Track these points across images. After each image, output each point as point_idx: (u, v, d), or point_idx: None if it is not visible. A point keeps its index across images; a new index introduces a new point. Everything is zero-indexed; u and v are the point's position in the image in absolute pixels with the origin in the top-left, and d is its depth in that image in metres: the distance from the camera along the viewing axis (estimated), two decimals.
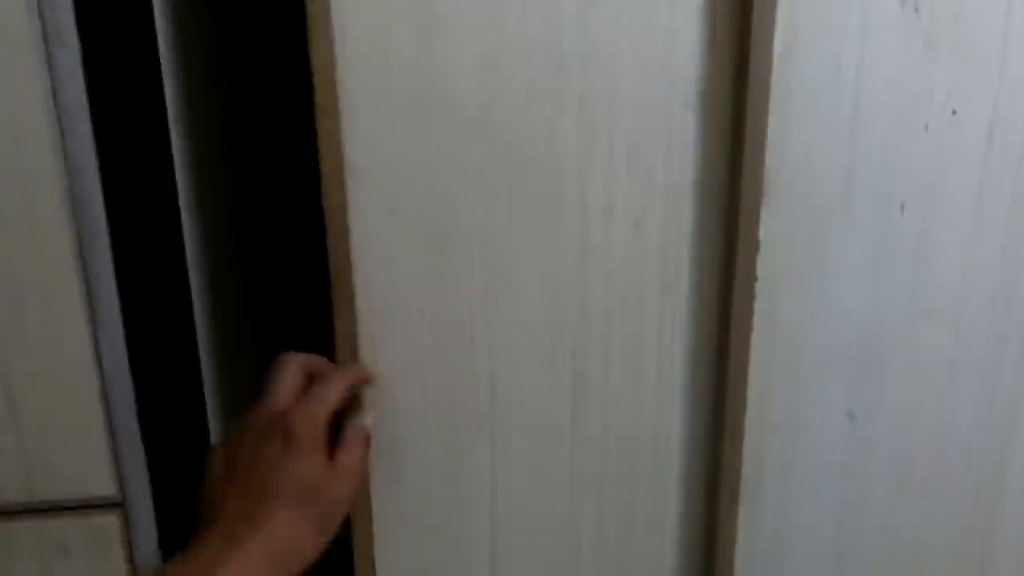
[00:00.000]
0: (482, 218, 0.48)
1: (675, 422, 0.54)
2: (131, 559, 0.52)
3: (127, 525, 0.52)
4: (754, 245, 0.49)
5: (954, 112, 0.49)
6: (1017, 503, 0.58)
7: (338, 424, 0.47)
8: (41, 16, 0.43)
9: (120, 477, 0.51)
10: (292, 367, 0.47)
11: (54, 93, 0.44)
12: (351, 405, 0.48)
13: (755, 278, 0.50)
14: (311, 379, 0.47)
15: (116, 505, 0.51)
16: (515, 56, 0.46)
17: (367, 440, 0.48)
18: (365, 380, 0.49)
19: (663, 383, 0.53)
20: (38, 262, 0.46)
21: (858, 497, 0.57)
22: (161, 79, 0.55)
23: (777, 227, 0.50)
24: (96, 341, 0.48)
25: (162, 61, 0.56)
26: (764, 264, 0.50)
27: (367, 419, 0.48)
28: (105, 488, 0.51)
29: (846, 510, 0.57)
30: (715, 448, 0.54)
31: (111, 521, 0.51)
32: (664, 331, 0.52)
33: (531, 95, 0.46)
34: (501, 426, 0.53)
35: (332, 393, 0.46)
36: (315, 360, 0.48)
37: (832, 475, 0.56)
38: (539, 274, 0.50)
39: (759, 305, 0.51)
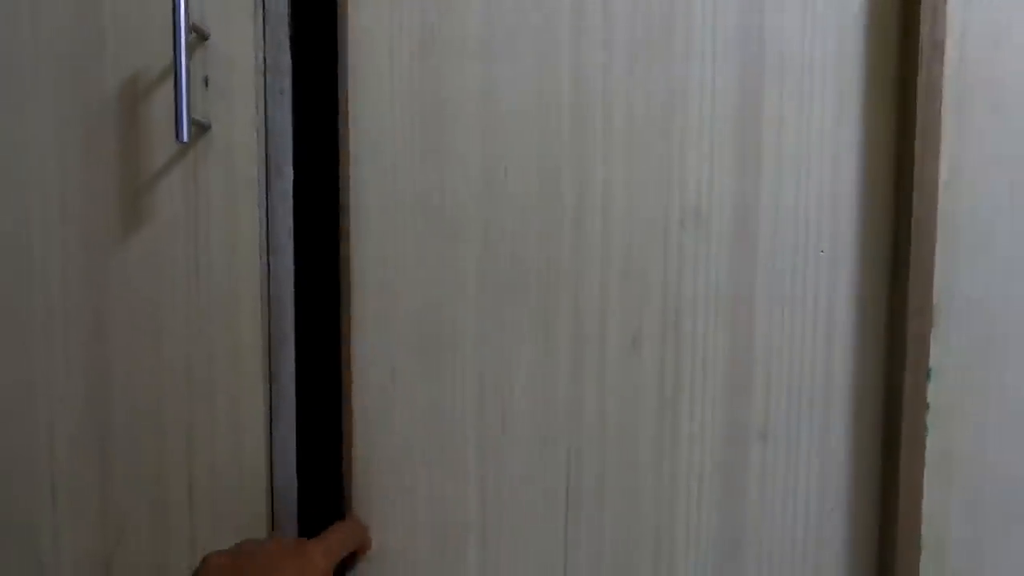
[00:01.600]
0: (476, 327, 0.50)
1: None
2: None
3: None
4: (924, 373, 0.47)
5: None
6: None
7: None
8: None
9: None
10: None
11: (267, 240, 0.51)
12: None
13: (926, 407, 0.48)
14: None
15: None
16: (515, 176, 0.49)
17: None
18: (367, 547, 0.52)
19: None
20: (233, 365, 0.51)
21: None
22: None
23: (948, 356, 0.48)
24: (271, 440, 0.52)
25: None
26: (936, 393, 0.48)
27: None
28: None
29: None
30: None
31: None
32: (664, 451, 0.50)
33: (527, 211, 0.50)
34: (492, 533, 0.51)
35: (348, 541, 0.50)
36: None
37: None
38: (531, 383, 0.50)
39: (932, 439, 0.48)
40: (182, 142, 0.46)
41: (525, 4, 0.49)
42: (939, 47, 0.45)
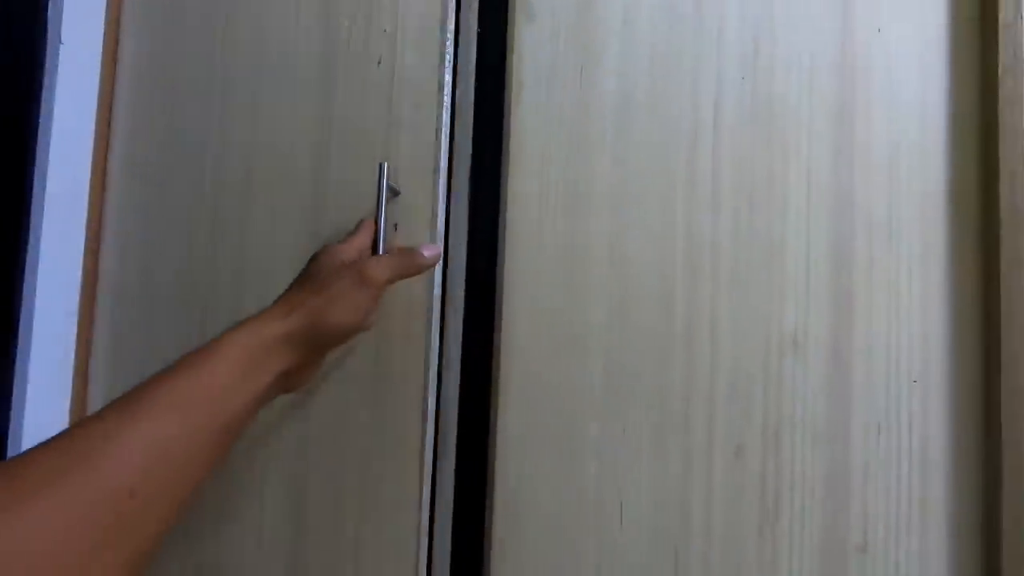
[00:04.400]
0: (599, 433, 0.59)
1: None
2: None
3: None
4: (1022, 502, 0.50)
5: None
6: None
7: None
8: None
9: None
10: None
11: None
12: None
13: None
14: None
15: None
16: (636, 308, 0.59)
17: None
18: (420, 270, 0.58)
19: None
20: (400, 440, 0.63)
21: None
22: None
23: None
24: (433, 514, 0.63)
25: None
26: None
27: None
28: None
29: None
30: None
31: None
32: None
33: (645, 336, 0.59)
34: None
35: (404, 263, 0.56)
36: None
37: None
38: (645, 484, 0.58)
39: None
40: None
41: (648, 167, 0.59)
42: (1020, 212, 0.49)
